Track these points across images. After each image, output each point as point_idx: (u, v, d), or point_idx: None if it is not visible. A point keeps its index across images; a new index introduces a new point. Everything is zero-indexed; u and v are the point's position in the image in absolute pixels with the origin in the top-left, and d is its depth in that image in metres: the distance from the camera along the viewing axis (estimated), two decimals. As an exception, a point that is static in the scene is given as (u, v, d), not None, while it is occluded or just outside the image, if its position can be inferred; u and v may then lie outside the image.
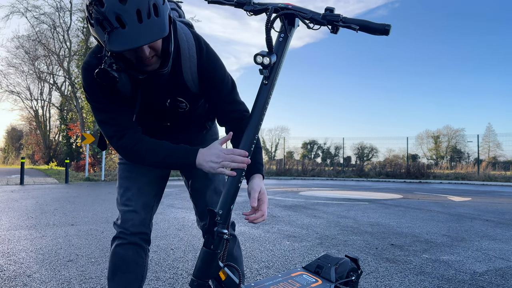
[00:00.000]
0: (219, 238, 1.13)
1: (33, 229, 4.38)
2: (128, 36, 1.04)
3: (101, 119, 1.32)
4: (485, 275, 2.81)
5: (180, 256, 3.24)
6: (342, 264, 1.42)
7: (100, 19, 1.04)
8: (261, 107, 1.20)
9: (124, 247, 1.45)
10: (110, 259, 1.48)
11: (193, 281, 1.14)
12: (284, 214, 5.78)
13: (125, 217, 1.46)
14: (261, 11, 1.22)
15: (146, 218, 1.49)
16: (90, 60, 1.27)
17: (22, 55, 26.84)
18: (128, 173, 1.52)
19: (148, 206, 1.51)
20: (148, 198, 1.52)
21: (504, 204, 7.77)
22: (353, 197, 8.84)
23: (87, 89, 1.30)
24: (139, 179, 1.51)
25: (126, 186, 1.50)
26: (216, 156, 1.22)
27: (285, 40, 1.19)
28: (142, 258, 1.49)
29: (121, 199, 1.50)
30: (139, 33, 1.05)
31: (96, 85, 1.26)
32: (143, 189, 1.51)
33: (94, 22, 1.07)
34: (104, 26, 1.05)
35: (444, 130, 40.24)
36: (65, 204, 6.79)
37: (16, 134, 50.77)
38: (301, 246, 3.66)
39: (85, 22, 21.10)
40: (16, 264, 2.94)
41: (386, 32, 1.10)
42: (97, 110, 1.32)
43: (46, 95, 36.75)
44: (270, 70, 1.18)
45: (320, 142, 41.48)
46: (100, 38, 1.08)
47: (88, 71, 1.26)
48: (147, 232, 1.50)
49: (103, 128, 1.33)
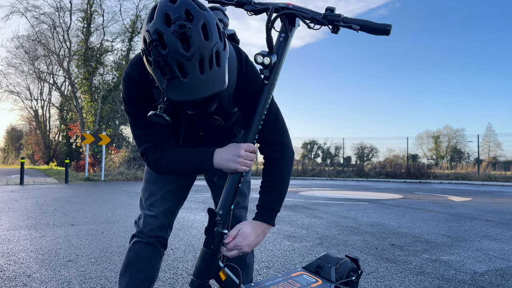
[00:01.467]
0: (219, 238, 1.13)
1: (33, 229, 4.38)
2: (188, 87, 1.01)
3: (137, 134, 1.30)
4: (485, 275, 2.81)
5: (180, 256, 3.24)
6: (342, 264, 1.42)
7: (161, 64, 0.99)
8: (262, 107, 1.21)
9: (141, 245, 1.47)
10: (126, 255, 1.51)
11: (193, 281, 1.14)
12: (284, 214, 5.78)
13: (146, 221, 1.48)
14: (261, 10, 1.22)
15: (165, 224, 1.51)
16: (132, 73, 1.24)
17: (22, 55, 26.87)
18: (155, 178, 1.51)
19: (169, 212, 1.52)
20: (171, 205, 1.52)
21: (504, 204, 7.77)
22: (353, 197, 8.84)
23: (128, 102, 1.27)
24: (164, 185, 1.50)
25: (152, 191, 1.51)
26: (234, 154, 1.20)
27: (286, 40, 1.20)
28: (155, 260, 1.50)
29: (145, 203, 1.51)
30: (199, 85, 1.01)
31: (137, 99, 1.25)
32: (167, 196, 1.51)
33: (152, 62, 1.01)
34: (164, 71, 1.00)
35: (444, 130, 40.25)
36: (65, 204, 6.79)
37: (16, 134, 50.78)
38: (301, 246, 3.66)
39: (84, 22, 21.14)
40: (16, 264, 2.94)
41: (387, 32, 1.11)
42: (135, 125, 1.30)
43: (46, 95, 36.80)
44: (271, 70, 1.18)
45: (320, 142, 41.50)
46: (157, 79, 1.04)
47: (130, 84, 1.24)
48: (165, 236, 1.52)
49: (138, 142, 1.31)
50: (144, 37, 1.02)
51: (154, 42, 0.98)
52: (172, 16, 0.99)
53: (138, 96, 1.24)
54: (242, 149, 1.20)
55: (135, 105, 1.26)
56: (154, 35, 0.99)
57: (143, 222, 1.49)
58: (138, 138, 1.31)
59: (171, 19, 0.99)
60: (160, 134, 1.29)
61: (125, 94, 1.26)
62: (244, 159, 1.19)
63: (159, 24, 0.99)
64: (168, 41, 0.98)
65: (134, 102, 1.25)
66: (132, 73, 1.23)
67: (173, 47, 0.98)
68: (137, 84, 1.23)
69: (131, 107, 1.27)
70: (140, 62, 1.23)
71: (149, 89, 1.24)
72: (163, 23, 0.99)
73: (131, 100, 1.25)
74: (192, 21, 1.00)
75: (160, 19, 1.00)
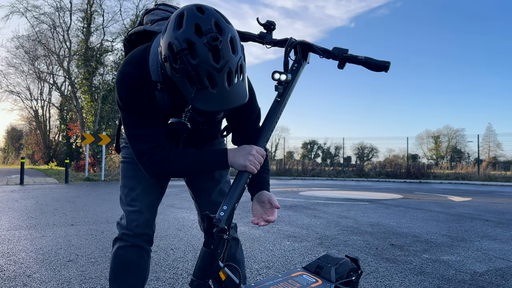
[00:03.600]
0: (219, 238, 1.13)
1: (33, 229, 4.38)
2: (215, 98, 1.04)
3: (134, 134, 1.25)
4: (485, 275, 2.81)
5: (180, 256, 3.24)
6: (342, 264, 1.42)
7: (191, 73, 1.02)
8: (272, 122, 1.30)
9: (127, 249, 1.43)
10: (112, 260, 1.47)
11: (193, 281, 1.14)
12: (284, 214, 5.78)
13: (130, 217, 1.43)
14: (279, 42, 1.35)
15: (150, 219, 1.48)
16: (132, 72, 1.21)
17: (22, 55, 26.86)
18: (133, 172, 1.48)
19: (152, 206, 1.49)
20: (153, 198, 1.50)
21: (504, 204, 7.77)
22: (353, 197, 8.84)
23: (125, 101, 1.22)
24: (144, 178, 1.47)
25: (131, 186, 1.48)
26: (246, 152, 1.25)
27: (298, 69, 1.34)
28: (144, 260, 1.48)
29: (126, 199, 1.47)
30: (226, 97, 1.05)
31: (137, 99, 1.21)
32: (148, 189, 1.48)
33: (179, 70, 1.03)
34: (193, 81, 1.03)
35: (444, 130, 40.28)
36: (65, 204, 6.79)
37: (16, 134, 50.80)
38: (301, 246, 3.66)
39: (85, 22, 21.14)
40: (16, 264, 2.94)
41: (386, 68, 1.25)
42: (131, 124, 1.25)
43: (46, 95, 36.81)
44: (284, 88, 1.29)
45: (320, 142, 41.53)
46: (182, 87, 1.06)
47: (131, 84, 1.21)
48: (150, 234, 1.48)
49: (135, 143, 1.25)
50: (170, 44, 1.03)
51: (185, 51, 1.00)
52: (203, 27, 1.02)
53: (140, 95, 1.21)
54: (254, 149, 1.25)
55: (136, 105, 1.22)
56: (183, 43, 1.01)
57: (127, 220, 1.44)
58: (135, 139, 1.25)
59: (202, 30, 1.01)
60: (163, 134, 1.27)
61: (125, 93, 1.22)
62: (254, 158, 1.24)
63: (191, 34, 1.01)
64: (200, 51, 1.00)
65: (135, 101, 1.22)
66: (133, 72, 1.21)
67: (204, 58, 1.00)
68: (138, 84, 1.21)
69: (129, 106, 1.23)
70: (141, 62, 1.21)
71: (151, 90, 1.23)
72: (194, 33, 1.01)
73: (133, 99, 1.22)
74: (222, 34, 1.03)
75: (191, 28, 1.02)
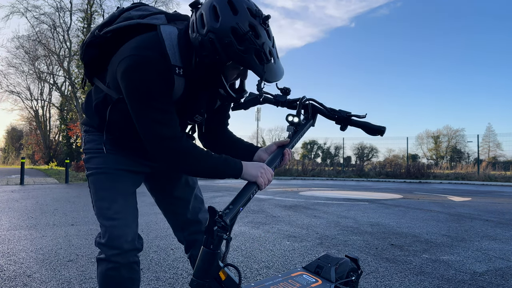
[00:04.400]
0: (219, 238, 1.14)
1: (33, 229, 4.38)
2: (275, 69, 1.19)
3: (158, 118, 1.20)
4: (485, 275, 2.81)
5: (180, 256, 3.24)
6: (342, 264, 1.43)
7: (259, 50, 1.14)
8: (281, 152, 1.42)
9: (118, 270, 1.33)
10: (101, 281, 1.36)
11: (193, 281, 1.14)
12: (284, 214, 5.78)
13: (116, 233, 1.31)
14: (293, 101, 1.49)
15: (136, 232, 1.38)
16: (154, 56, 1.19)
17: (22, 55, 26.89)
18: (110, 183, 1.38)
19: (136, 218, 1.40)
20: (135, 209, 1.41)
21: (504, 204, 7.77)
22: (353, 197, 8.84)
23: (150, 84, 1.19)
24: (124, 189, 1.39)
25: (112, 197, 1.36)
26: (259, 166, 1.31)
27: (305, 124, 1.48)
28: (136, 272, 1.39)
29: (108, 212, 1.34)
30: (280, 69, 1.21)
31: (161, 82, 1.20)
32: (130, 200, 1.41)
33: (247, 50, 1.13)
34: (261, 57, 1.15)
35: (444, 130, 40.28)
36: (65, 204, 6.79)
37: (16, 134, 50.78)
38: (301, 246, 3.66)
39: (85, 22, 21.15)
40: (16, 264, 2.94)
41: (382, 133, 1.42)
42: (153, 109, 1.20)
43: (46, 95, 36.77)
44: (294, 130, 1.44)
45: (320, 142, 41.50)
46: (250, 65, 1.15)
47: (153, 67, 1.19)
48: (140, 248, 1.39)
49: (158, 127, 1.20)
50: (233, 28, 1.12)
51: (250, 32, 1.13)
52: (253, 10, 1.16)
53: (164, 79, 1.21)
54: (265, 166, 1.32)
55: (161, 88, 1.21)
56: (247, 26, 1.13)
57: (112, 236, 1.31)
58: (160, 123, 1.20)
59: (253, 12, 1.16)
60: (177, 122, 1.26)
61: (150, 77, 1.19)
62: (265, 173, 1.30)
63: (249, 17, 1.14)
64: (260, 31, 1.15)
65: (159, 85, 1.20)
66: (155, 55, 1.20)
67: (264, 37, 1.16)
68: (163, 67, 1.21)
69: (155, 90, 1.20)
70: (159, 47, 1.21)
71: (171, 75, 1.23)
72: (251, 16, 1.15)
73: (157, 82, 1.20)
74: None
75: (247, 12, 1.15)
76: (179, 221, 1.59)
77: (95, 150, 1.41)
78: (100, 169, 1.39)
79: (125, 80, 1.20)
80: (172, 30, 1.25)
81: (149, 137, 1.23)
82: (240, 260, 3.13)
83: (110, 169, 1.39)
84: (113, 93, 1.32)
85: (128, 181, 1.42)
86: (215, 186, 11.28)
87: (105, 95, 1.36)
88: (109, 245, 1.31)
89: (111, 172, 1.39)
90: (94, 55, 1.39)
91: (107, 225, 1.33)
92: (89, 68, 1.43)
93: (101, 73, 1.42)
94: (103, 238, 1.33)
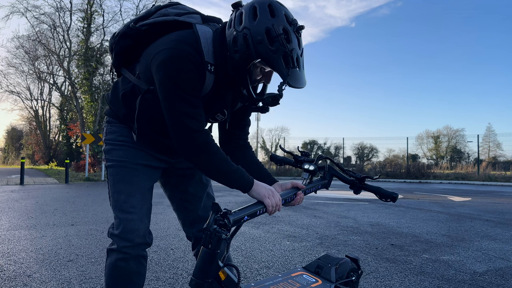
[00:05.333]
0: (217, 237, 1.13)
1: (33, 229, 4.38)
2: (300, 77, 1.24)
3: (188, 112, 1.26)
4: (485, 275, 2.81)
5: (180, 256, 3.24)
6: (342, 264, 1.42)
7: (288, 54, 1.19)
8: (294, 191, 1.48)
9: (127, 261, 1.39)
10: (110, 271, 1.41)
11: (193, 280, 1.14)
12: (284, 214, 5.78)
13: (130, 226, 1.37)
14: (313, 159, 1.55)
15: (148, 226, 1.44)
16: (191, 51, 1.26)
17: (22, 55, 26.90)
18: (130, 178, 1.42)
19: (150, 212, 1.46)
20: (150, 205, 1.46)
21: (504, 204, 7.77)
22: (353, 197, 8.84)
23: (183, 77, 1.24)
24: (142, 184, 1.43)
25: (129, 191, 1.40)
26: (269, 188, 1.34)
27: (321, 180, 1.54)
28: (143, 267, 1.45)
29: (124, 206, 1.39)
30: (303, 77, 1.27)
31: (193, 77, 1.26)
32: (147, 195, 1.45)
33: (277, 51, 1.18)
34: (288, 61, 1.20)
35: (444, 130, 40.22)
36: (65, 204, 6.79)
37: (16, 134, 50.76)
38: (301, 246, 3.66)
39: (85, 22, 21.14)
40: (16, 264, 2.94)
41: (394, 199, 1.50)
42: (185, 102, 1.26)
43: (46, 95, 36.80)
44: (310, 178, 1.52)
45: (320, 142, 41.40)
46: (276, 67, 1.20)
47: (189, 61, 1.25)
48: (150, 243, 1.45)
49: (188, 120, 1.26)
50: (268, 28, 1.18)
51: (283, 35, 1.18)
52: (290, 18, 1.23)
53: (197, 74, 1.27)
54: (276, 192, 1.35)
55: (193, 82, 1.26)
56: (280, 30, 1.19)
57: (125, 229, 1.36)
58: (189, 116, 1.26)
59: (289, 19, 1.22)
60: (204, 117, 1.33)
61: (184, 70, 1.24)
62: (273, 196, 1.32)
63: (285, 22, 1.21)
64: (292, 38, 1.21)
65: (192, 79, 1.26)
66: (191, 51, 1.26)
67: (295, 44, 1.21)
68: (198, 62, 1.27)
69: (188, 84, 1.25)
70: (195, 43, 1.28)
71: (204, 71, 1.29)
72: (286, 22, 1.21)
73: (191, 77, 1.25)
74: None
75: (283, 17, 1.21)
76: (190, 217, 1.63)
77: (117, 142, 1.47)
78: (120, 162, 1.44)
79: (161, 71, 1.25)
80: (207, 29, 1.33)
81: (177, 129, 1.27)
82: (240, 260, 3.13)
83: (129, 163, 1.44)
84: (142, 84, 1.37)
85: (146, 176, 1.47)
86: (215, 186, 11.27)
87: (133, 85, 1.41)
88: (122, 237, 1.37)
89: (131, 167, 1.43)
90: (126, 46, 1.44)
91: (122, 217, 1.38)
92: (119, 57, 1.47)
93: (131, 64, 1.47)
94: (117, 230, 1.38)
